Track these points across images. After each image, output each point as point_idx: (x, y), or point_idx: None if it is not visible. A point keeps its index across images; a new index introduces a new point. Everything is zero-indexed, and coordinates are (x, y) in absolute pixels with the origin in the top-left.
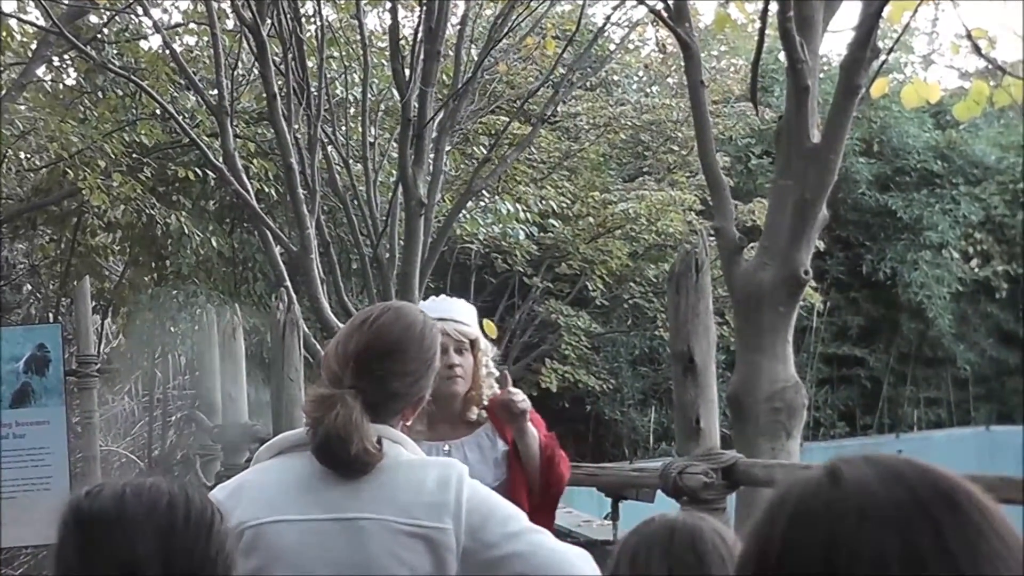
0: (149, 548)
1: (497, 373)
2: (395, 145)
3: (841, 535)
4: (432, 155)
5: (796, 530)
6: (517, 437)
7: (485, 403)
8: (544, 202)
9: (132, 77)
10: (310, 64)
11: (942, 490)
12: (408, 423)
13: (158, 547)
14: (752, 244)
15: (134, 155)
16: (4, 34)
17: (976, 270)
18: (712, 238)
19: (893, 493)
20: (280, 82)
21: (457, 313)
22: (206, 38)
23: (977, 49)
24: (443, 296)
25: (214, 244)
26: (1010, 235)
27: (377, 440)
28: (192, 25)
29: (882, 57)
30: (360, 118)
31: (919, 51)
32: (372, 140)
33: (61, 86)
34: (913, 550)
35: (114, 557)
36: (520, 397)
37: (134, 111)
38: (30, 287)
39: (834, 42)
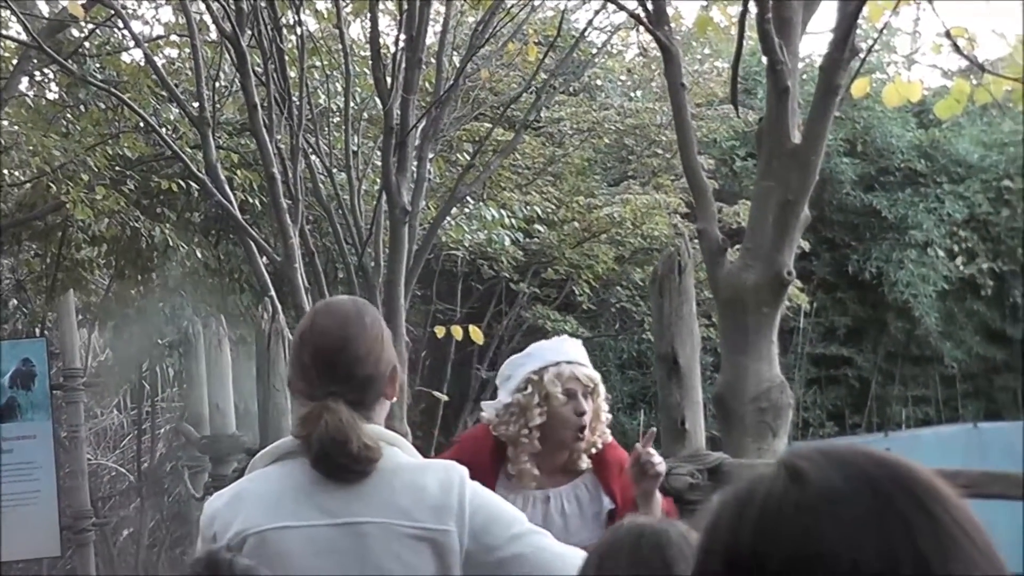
0: None
1: (610, 418)
2: (379, 153)
3: (814, 539)
4: (416, 163)
5: (766, 535)
6: (642, 501)
7: (593, 451)
8: (529, 208)
9: (113, 90)
10: (292, 74)
11: (908, 486)
12: (393, 399)
13: None
14: (737, 246)
15: (117, 168)
16: None
17: (961, 268)
18: (696, 240)
19: (860, 492)
20: (262, 92)
21: (580, 355)
22: (187, 50)
23: (957, 48)
24: (563, 337)
25: (199, 256)
26: (994, 232)
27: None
28: (174, 37)
29: (861, 57)
30: (343, 127)
31: (902, 51)
32: (355, 149)
33: (43, 100)
34: (887, 551)
35: None
36: (658, 459)
37: (117, 124)
38: (16, 302)
39: (815, 43)
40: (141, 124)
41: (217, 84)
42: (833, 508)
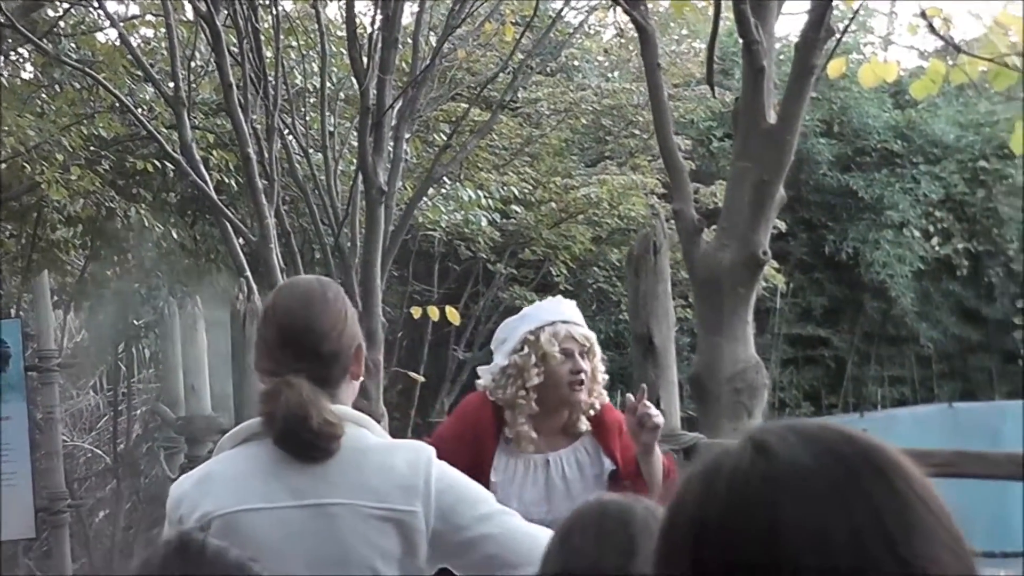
0: None
1: (607, 379)
2: (355, 133)
3: (781, 512)
4: (392, 143)
5: (734, 506)
6: (642, 456)
7: (592, 413)
8: (506, 188)
9: (87, 70)
10: (268, 54)
11: (875, 463)
12: (360, 379)
13: None
14: (714, 226)
15: (92, 148)
16: None
17: (937, 248)
18: (672, 220)
19: (827, 467)
20: (238, 72)
21: (575, 315)
22: (163, 30)
23: (932, 28)
24: (557, 298)
25: (175, 236)
26: (970, 213)
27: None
28: (149, 17)
29: (837, 37)
30: (319, 107)
31: (879, 31)
32: (332, 129)
33: (18, 80)
34: (854, 526)
35: None
36: (655, 411)
37: (92, 104)
38: None
39: (792, 23)
40: (116, 104)
41: (193, 64)
42: (800, 482)
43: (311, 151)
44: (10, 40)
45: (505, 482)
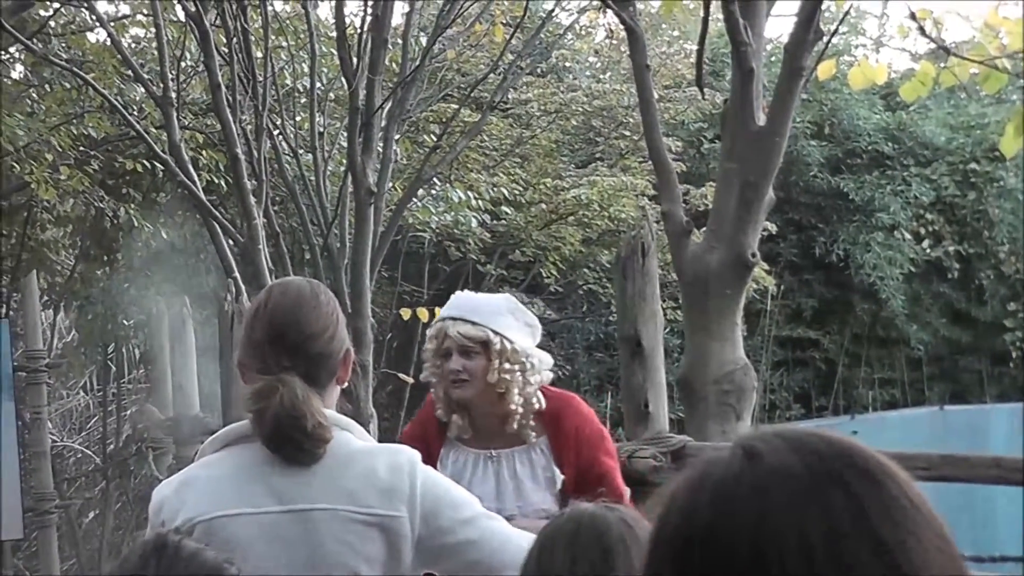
0: None
1: (538, 379)
2: (344, 134)
3: (767, 518)
4: (381, 143)
5: (720, 515)
6: None
7: (518, 416)
8: (496, 189)
9: (75, 70)
10: (257, 54)
11: (861, 467)
12: (343, 384)
13: None
14: (703, 228)
15: (82, 148)
16: None
17: (928, 251)
18: (660, 222)
19: (814, 471)
20: (227, 73)
21: (469, 312)
22: (153, 30)
23: (922, 30)
24: (466, 292)
25: (165, 236)
26: (960, 215)
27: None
28: (139, 17)
29: (826, 39)
30: (309, 107)
31: (870, 33)
32: (321, 129)
33: (7, 80)
34: (840, 529)
35: None
36: None
37: (81, 104)
38: None
39: (783, 25)
40: (106, 104)
41: (182, 64)
42: (782, 485)
43: (300, 151)
44: None
45: (454, 476)
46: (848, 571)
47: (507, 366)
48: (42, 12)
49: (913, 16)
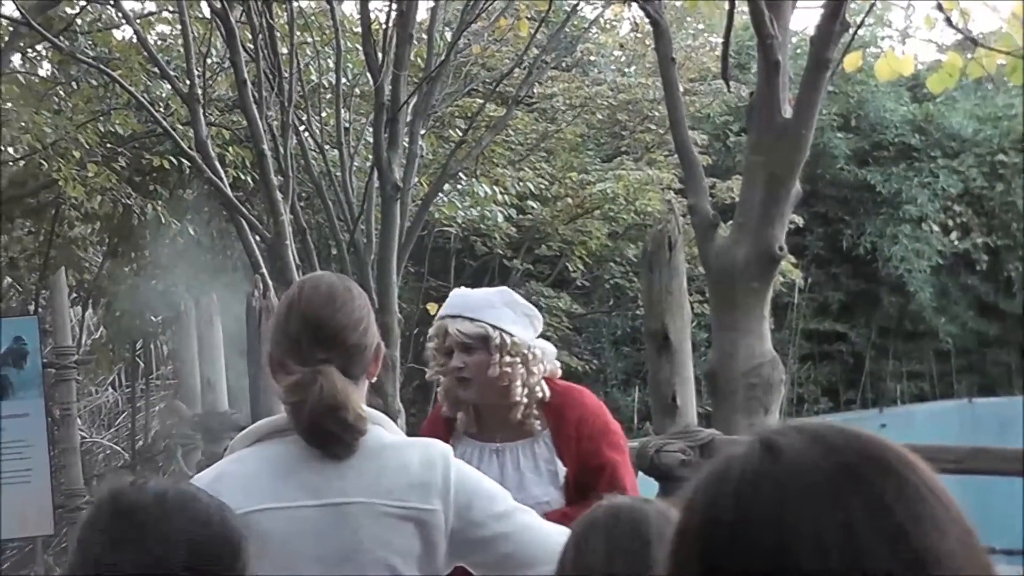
0: (178, 557)
1: (541, 369)
2: (370, 129)
3: (791, 512)
4: (407, 139)
5: (743, 509)
6: None
7: (522, 408)
8: (522, 184)
9: (102, 67)
10: (283, 50)
11: (882, 458)
12: (373, 379)
13: (186, 557)
14: (730, 221)
15: (109, 145)
16: None
17: (955, 243)
18: (687, 216)
19: (837, 465)
20: (253, 69)
21: (466, 308)
22: (179, 26)
23: (949, 21)
24: (461, 289)
25: (192, 233)
26: (988, 207)
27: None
28: (165, 14)
29: (852, 31)
30: (334, 103)
31: (896, 24)
32: (347, 125)
33: (35, 78)
34: (865, 523)
35: (144, 555)
36: None
37: (108, 101)
38: (10, 280)
39: (809, 17)
40: (132, 101)
41: (208, 61)
42: (811, 481)
43: (326, 147)
44: (27, 37)
45: None
46: (866, 565)
47: (508, 359)
48: (69, 10)
49: (940, 7)
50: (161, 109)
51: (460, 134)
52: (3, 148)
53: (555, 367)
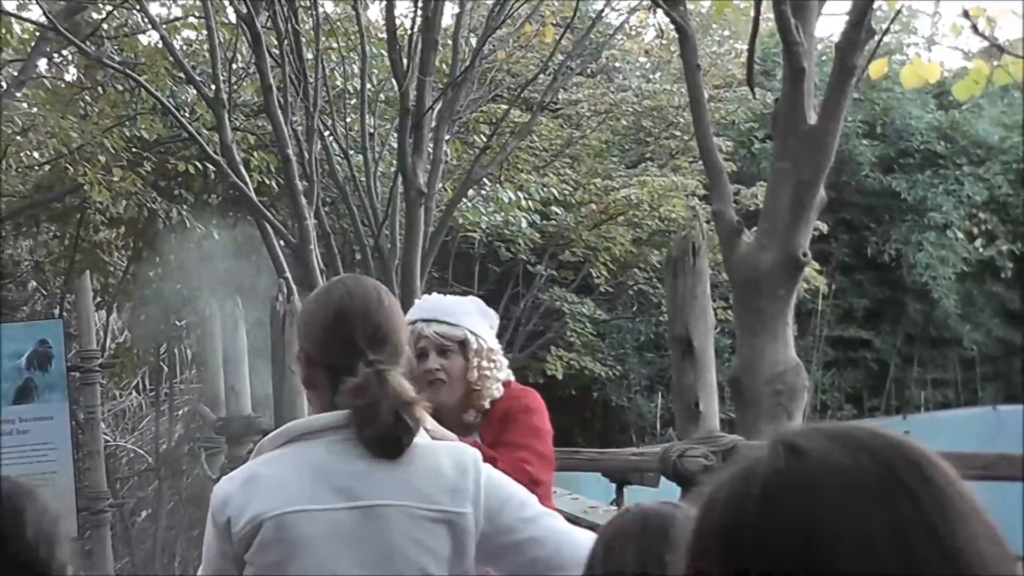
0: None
1: (502, 374)
2: (395, 135)
3: (820, 512)
4: (432, 144)
5: (770, 511)
6: None
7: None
8: (546, 189)
9: (129, 72)
10: (308, 55)
11: (910, 459)
12: None
13: None
14: (754, 228)
15: (134, 150)
16: (3, 31)
17: (981, 250)
18: (712, 222)
19: (864, 465)
20: (278, 74)
21: (442, 313)
22: (205, 32)
23: (975, 28)
24: (433, 295)
25: (216, 237)
26: (1014, 214)
27: None
28: (191, 19)
29: (878, 37)
30: (359, 108)
31: (922, 32)
32: (372, 130)
33: (61, 82)
34: (897, 522)
35: None
36: None
37: (134, 106)
38: (35, 284)
39: (834, 24)
40: (158, 106)
41: (234, 66)
42: (838, 481)
43: (351, 152)
44: (54, 42)
45: None
46: (912, 567)
47: (484, 364)
48: (95, 15)
49: (966, 14)
50: (187, 114)
51: (485, 140)
52: (29, 152)
53: (508, 374)
